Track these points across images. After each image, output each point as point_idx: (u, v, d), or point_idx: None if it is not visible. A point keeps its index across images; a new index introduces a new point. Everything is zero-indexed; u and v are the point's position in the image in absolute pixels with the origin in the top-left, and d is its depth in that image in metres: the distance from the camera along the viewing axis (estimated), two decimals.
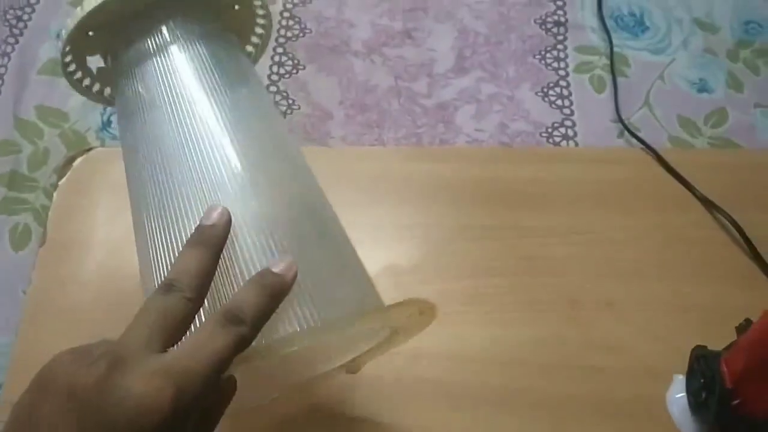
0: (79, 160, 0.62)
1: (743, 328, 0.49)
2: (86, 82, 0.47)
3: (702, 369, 0.50)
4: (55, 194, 0.60)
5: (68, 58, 0.44)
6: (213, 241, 0.36)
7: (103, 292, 0.55)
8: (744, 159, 0.66)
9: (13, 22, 0.70)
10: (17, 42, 0.69)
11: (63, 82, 0.66)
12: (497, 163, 0.64)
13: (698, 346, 0.51)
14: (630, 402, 0.52)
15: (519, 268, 0.58)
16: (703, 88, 0.70)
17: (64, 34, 0.42)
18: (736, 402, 0.47)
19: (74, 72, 0.46)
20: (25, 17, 0.70)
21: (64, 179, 0.60)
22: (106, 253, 0.57)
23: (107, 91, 0.48)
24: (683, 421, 0.51)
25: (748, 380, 0.46)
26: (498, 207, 0.61)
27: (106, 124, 0.65)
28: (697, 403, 0.50)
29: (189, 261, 0.35)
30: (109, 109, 0.66)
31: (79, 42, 0.44)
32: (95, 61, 0.47)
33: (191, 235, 0.36)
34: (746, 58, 0.72)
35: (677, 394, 0.52)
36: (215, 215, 0.37)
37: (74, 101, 0.66)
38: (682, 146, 0.66)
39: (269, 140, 0.43)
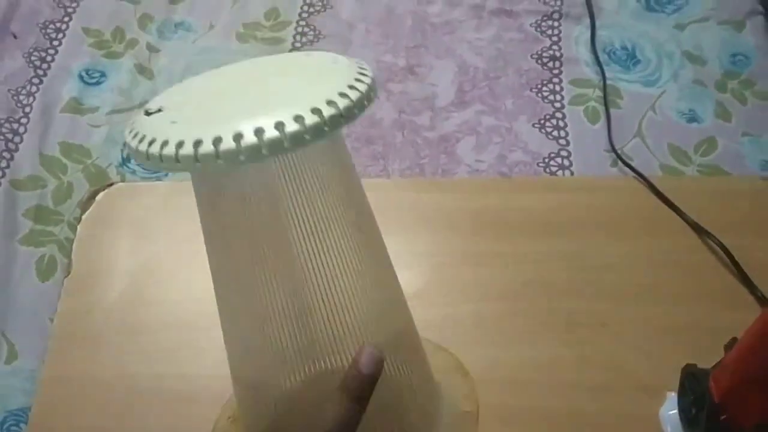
0: (101, 195, 0.65)
1: (730, 346, 0.52)
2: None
3: (692, 386, 0.52)
4: (79, 227, 0.63)
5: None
6: (368, 392, 0.40)
7: (125, 318, 0.59)
8: (732, 185, 0.69)
9: (38, 63, 0.74)
10: (41, 82, 0.73)
11: (85, 119, 0.70)
12: (497, 192, 0.67)
13: (688, 365, 0.54)
14: (625, 419, 0.55)
15: (518, 293, 0.61)
16: (692, 118, 0.73)
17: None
18: (723, 417, 0.49)
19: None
20: (49, 58, 0.75)
21: (87, 213, 0.64)
22: (128, 283, 0.61)
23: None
24: None
25: (735, 395, 0.48)
26: (497, 234, 0.64)
27: (126, 160, 0.68)
28: (688, 419, 0.53)
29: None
30: None
31: None
32: None
33: (349, 381, 0.40)
34: (734, 88, 0.75)
35: (670, 411, 0.55)
36: (371, 361, 0.40)
37: (96, 138, 0.69)
38: (673, 174, 0.69)
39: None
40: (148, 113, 0.38)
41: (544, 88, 0.75)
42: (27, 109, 0.71)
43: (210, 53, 0.76)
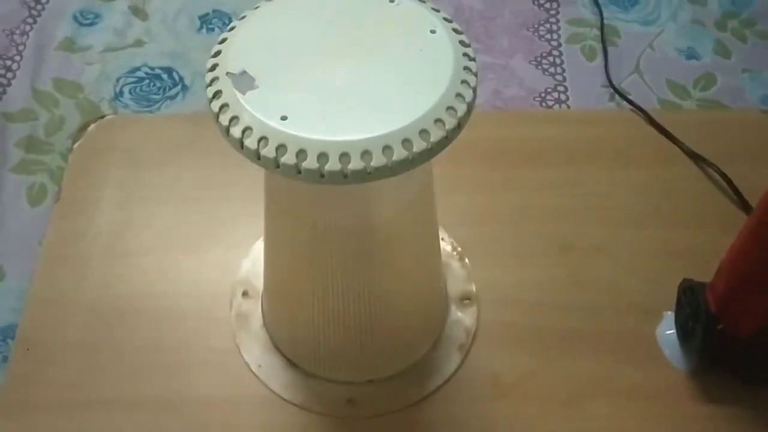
0: (93, 126, 0.65)
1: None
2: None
3: (689, 300, 0.51)
4: (69, 156, 0.63)
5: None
6: None
7: (112, 242, 0.58)
8: (732, 118, 0.68)
9: (32, 4, 0.74)
10: (35, 22, 0.73)
11: (78, 57, 0.70)
12: (492, 124, 0.66)
13: (685, 279, 0.52)
14: (622, 338, 0.54)
15: (512, 217, 0.60)
16: (691, 55, 0.72)
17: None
18: (720, 326, 0.48)
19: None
20: (44, 1, 0.74)
21: (78, 143, 0.64)
22: (115, 210, 0.60)
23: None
24: (673, 354, 0.53)
25: (731, 301, 0.47)
26: (492, 163, 0.63)
27: (119, 95, 0.68)
28: (685, 334, 0.52)
29: None
30: (121, 80, 0.69)
31: None
32: None
33: None
34: (734, 28, 0.74)
35: (667, 331, 0.54)
36: None
37: (89, 74, 0.69)
38: (671, 108, 0.68)
39: None
40: (231, 76, 0.35)
41: (541, 28, 0.74)
42: (21, 47, 0.71)
43: None
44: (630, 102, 0.67)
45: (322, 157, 0.32)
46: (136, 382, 0.51)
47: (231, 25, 0.38)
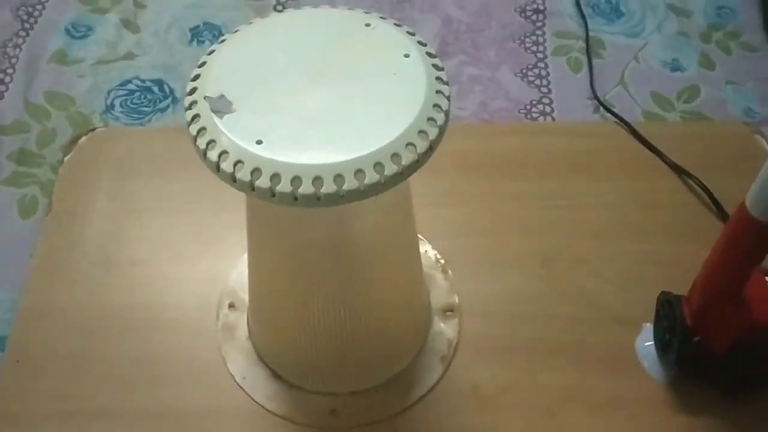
0: (84, 139, 0.66)
1: None
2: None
3: (667, 313, 0.52)
4: (60, 169, 0.64)
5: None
6: None
7: (102, 254, 0.59)
8: (714, 130, 0.69)
9: (25, 17, 0.75)
10: (28, 35, 0.74)
11: (70, 70, 0.71)
12: (477, 136, 0.67)
13: (664, 292, 0.53)
14: (601, 349, 0.55)
15: (495, 229, 0.61)
16: (676, 67, 0.73)
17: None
18: (697, 339, 0.49)
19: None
20: (36, 13, 0.75)
21: (69, 155, 0.64)
22: (106, 222, 0.61)
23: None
24: (652, 366, 0.54)
25: (706, 315, 0.48)
26: (477, 175, 0.64)
27: (110, 107, 0.69)
28: (663, 346, 0.53)
29: None
30: (112, 93, 0.70)
31: None
32: None
33: None
34: (719, 39, 0.75)
35: (646, 342, 0.55)
36: None
37: (81, 87, 0.70)
38: (655, 120, 0.69)
39: None
40: (209, 100, 0.36)
41: (527, 40, 0.75)
42: (13, 60, 0.71)
43: (196, 8, 0.77)
44: (614, 114, 0.68)
45: (296, 180, 0.33)
46: (125, 393, 0.52)
47: (210, 48, 0.39)
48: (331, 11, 0.40)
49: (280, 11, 0.76)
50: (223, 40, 0.39)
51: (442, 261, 0.58)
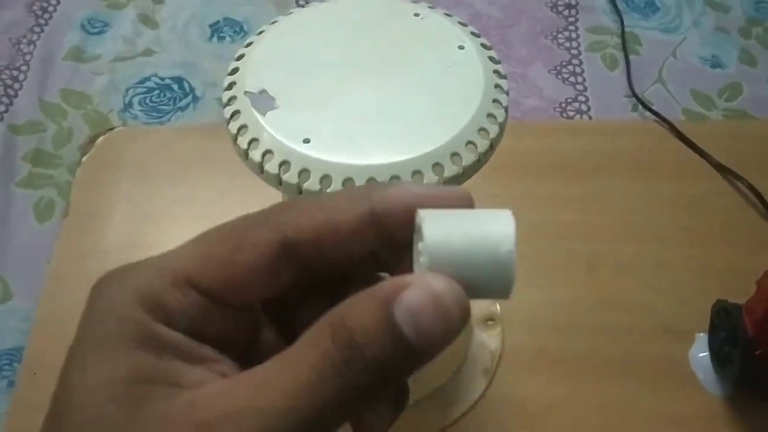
0: (101, 139, 0.63)
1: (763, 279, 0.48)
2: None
3: (724, 322, 0.49)
4: (78, 170, 0.61)
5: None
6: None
7: (122, 260, 0.56)
8: (760, 128, 0.66)
9: (39, 12, 0.72)
10: (42, 31, 0.71)
11: (86, 67, 0.68)
12: (511, 136, 0.64)
13: (719, 300, 0.50)
14: (652, 361, 0.52)
15: (534, 234, 0.58)
16: (716, 63, 0.70)
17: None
18: (759, 351, 0.46)
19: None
20: (51, 8, 0.73)
21: (87, 156, 0.62)
22: (126, 225, 0.58)
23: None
24: (707, 379, 0.51)
25: None
26: (512, 177, 0.61)
27: (128, 106, 0.66)
28: (720, 359, 0.50)
29: None
30: (131, 91, 0.67)
31: None
32: None
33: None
34: (759, 35, 0.72)
35: (700, 353, 0.52)
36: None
37: (98, 85, 0.67)
38: (696, 118, 0.66)
39: None
40: (250, 95, 0.33)
41: (560, 36, 0.72)
42: (27, 57, 0.69)
43: (216, 3, 0.74)
44: (654, 112, 0.65)
45: (348, 182, 0.30)
46: None
47: (248, 40, 0.36)
48: (396, 7, 0.37)
49: (303, 5, 0.74)
50: (262, 32, 0.36)
51: None
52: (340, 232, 0.20)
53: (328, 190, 0.31)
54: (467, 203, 0.21)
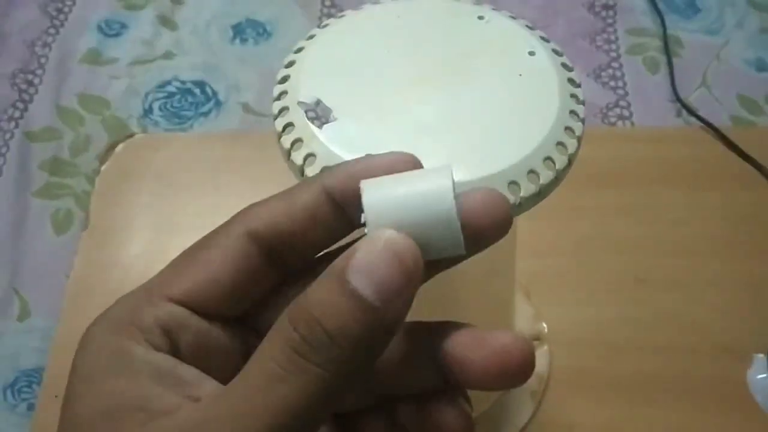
0: (121, 146, 0.60)
1: None
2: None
3: None
4: (97, 180, 0.58)
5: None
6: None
7: (144, 275, 0.53)
8: None
9: (54, 14, 0.69)
10: (57, 33, 0.68)
11: (104, 70, 0.66)
12: None
13: None
14: (707, 383, 0.49)
15: (579, 248, 0.55)
16: (762, 67, 0.67)
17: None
18: None
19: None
20: (66, 9, 0.70)
21: (106, 165, 0.59)
22: (148, 238, 0.55)
23: None
24: (766, 401, 0.48)
25: None
26: None
27: (148, 111, 0.63)
28: None
29: None
30: (150, 95, 0.64)
31: None
32: None
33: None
34: None
35: (759, 375, 0.49)
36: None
37: (116, 89, 0.65)
38: (744, 125, 0.63)
39: None
40: (304, 106, 0.30)
41: (598, 38, 0.69)
42: (42, 60, 0.66)
43: (238, 3, 0.71)
44: (700, 118, 0.62)
45: None
46: None
47: (298, 45, 0.33)
48: (433, 1, 0.34)
49: (329, 6, 0.71)
50: (312, 36, 0.33)
51: (523, 284, 0.52)
52: (298, 217, 0.20)
53: None
54: (413, 166, 0.20)
